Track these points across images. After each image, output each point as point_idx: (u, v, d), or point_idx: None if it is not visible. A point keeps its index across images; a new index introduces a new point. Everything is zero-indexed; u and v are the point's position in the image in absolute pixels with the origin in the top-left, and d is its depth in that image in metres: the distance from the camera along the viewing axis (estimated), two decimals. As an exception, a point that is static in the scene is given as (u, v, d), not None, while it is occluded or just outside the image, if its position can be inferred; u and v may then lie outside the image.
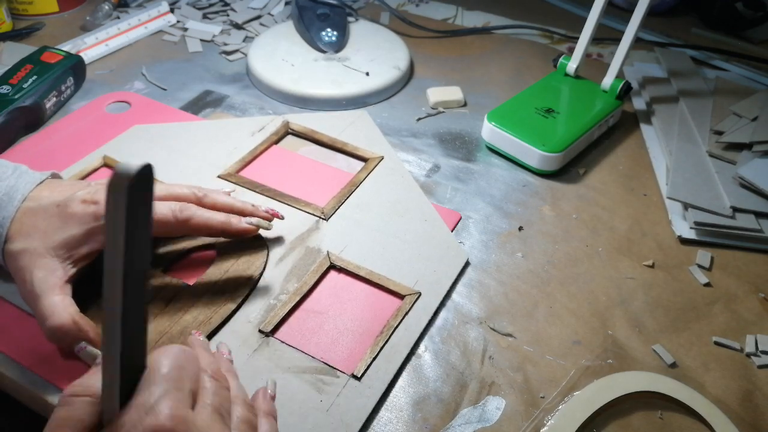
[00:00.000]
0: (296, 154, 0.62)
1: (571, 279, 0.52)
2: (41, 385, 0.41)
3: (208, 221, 0.46)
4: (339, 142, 0.63)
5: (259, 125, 0.64)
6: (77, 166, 0.58)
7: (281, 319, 0.46)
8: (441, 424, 0.41)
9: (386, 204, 0.56)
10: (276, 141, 0.64)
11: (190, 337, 0.42)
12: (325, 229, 0.54)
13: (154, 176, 0.27)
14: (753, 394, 0.44)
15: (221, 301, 0.46)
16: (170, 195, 0.47)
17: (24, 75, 0.65)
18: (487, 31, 0.88)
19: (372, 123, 0.66)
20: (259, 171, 0.60)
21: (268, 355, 0.44)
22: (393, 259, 0.51)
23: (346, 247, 0.52)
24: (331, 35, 0.77)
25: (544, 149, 0.61)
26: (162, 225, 0.45)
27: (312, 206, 0.55)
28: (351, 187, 0.58)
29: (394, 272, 0.50)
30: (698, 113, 0.69)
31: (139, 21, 0.82)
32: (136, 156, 0.60)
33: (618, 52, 0.67)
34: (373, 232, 0.54)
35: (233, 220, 0.47)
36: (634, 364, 0.46)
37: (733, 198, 0.58)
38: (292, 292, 0.48)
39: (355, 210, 0.56)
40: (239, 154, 0.61)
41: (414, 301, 0.48)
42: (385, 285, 0.49)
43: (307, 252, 0.51)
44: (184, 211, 0.45)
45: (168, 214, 0.45)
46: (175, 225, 0.45)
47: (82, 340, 0.41)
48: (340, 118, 0.66)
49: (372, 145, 0.63)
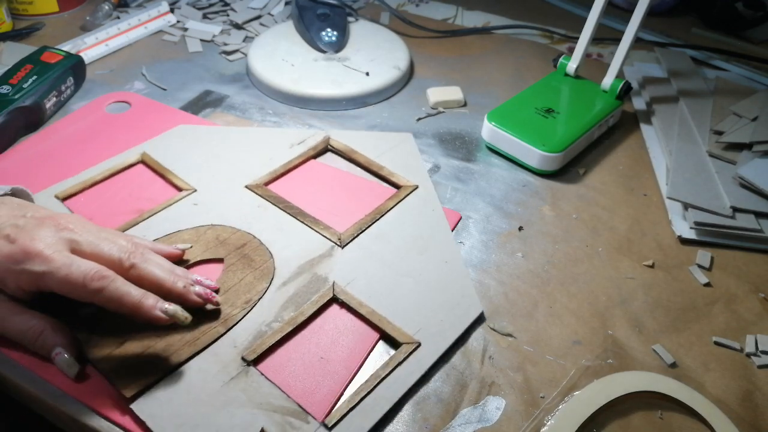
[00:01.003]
0: (334, 169, 0.60)
1: (571, 279, 0.52)
2: (41, 385, 0.41)
3: (121, 299, 0.40)
4: (375, 164, 0.60)
5: (299, 138, 0.63)
6: (115, 160, 0.59)
7: (268, 348, 0.44)
8: (441, 424, 0.41)
9: (408, 238, 0.53)
10: (314, 156, 0.62)
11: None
12: (338, 257, 0.51)
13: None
14: (753, 394, 0.44)
15: (212, 323, 0.44)
16: (95, 254, 0.42)
17: (24, 75, 0.65)
18: (487, 31, 0.88)
19: (415, 149, 0.63)
20: (289, 185, 0.58)
21: (243, 386, 0.41)
22: (400, 300, 0.48)
23: (354, 280, 0.49)
24: (331, 35, 0.77)
25: (544, 149, 0.61)
26: (70, 289, 0.40)
27: (330, 231, 0.53)
28: (375, 214, 0.55)
29: (398, 315, 0.46)
30: (698, 113, 0.69)
31: (139, 21, 0.82)
32: (173, 155, 0.60)
33: (618, 52, 0.67)
34: (386, 267, 0.50)
35: (146, 304, 0.41)
36: (634, 364, 0.46)
37: (733, 198, 0.58)
38: (286, 321, 0.45)
39: (373, 240, 0.52)
40: (273, 165, 0.59)
41: (410, 352, 0.44)
42: (384, 329, 0.45)
43: (313, 279, 0.49)
44: (96, 281, 0.40)
45: (78, 280, 0.40)
46: (83, 294, 0.40)
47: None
48: (383, 139, 0.64)
49: (409, 172, 0.60)
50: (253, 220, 0.54)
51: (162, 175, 0.58)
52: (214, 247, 0.51)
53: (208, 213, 0.54)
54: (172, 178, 0.58)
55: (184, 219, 0.53)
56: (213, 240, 0.51)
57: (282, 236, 0.52)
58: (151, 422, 0.38)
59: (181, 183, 0.57)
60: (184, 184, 0.57)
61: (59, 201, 0.55)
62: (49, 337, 0.41)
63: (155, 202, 0.55)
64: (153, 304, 0.41)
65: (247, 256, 0.50)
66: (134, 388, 0.40)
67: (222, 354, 0.43)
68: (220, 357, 0.43)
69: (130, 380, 0.40)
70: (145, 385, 0.40)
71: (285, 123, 0.68)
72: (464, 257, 0.53)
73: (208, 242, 0.51)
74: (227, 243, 0.51)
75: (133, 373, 0.41)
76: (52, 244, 0.41)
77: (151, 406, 0.39)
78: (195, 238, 0.51)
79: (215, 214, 0.54)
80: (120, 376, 0.40)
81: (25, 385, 0.42)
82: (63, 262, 0.40)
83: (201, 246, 0.51)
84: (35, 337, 0.41)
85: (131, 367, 0.41)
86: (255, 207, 0.55)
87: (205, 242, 0.51)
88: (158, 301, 0.41)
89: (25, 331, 0.42)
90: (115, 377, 0.40)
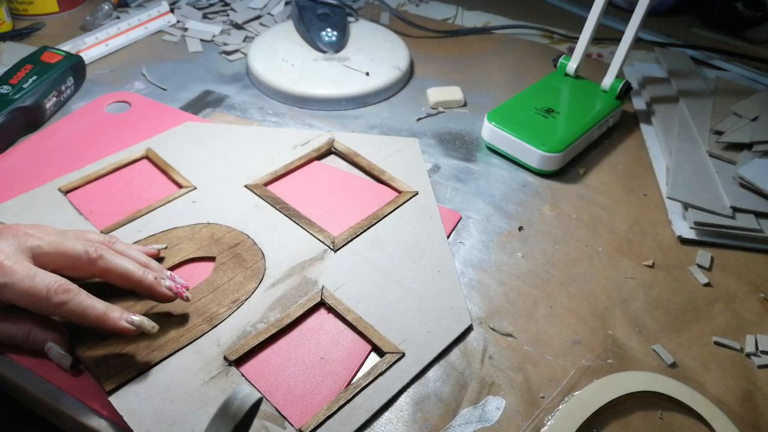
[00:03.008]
0: (337, 171, 0.60)
1: (571, 279, 0.52)
2: (41, 385, 0.41)
3: (84, 312, 0.39)
4: (377, 168, 0.60)
5: (304, 139, 0.63)
6: (120, 155, 0.59)
7: (251, 349, 0.43)
8: (441, 424, 0.41)
9: (402, 245, 0.52)
10: (317, 158, 0.61)
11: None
12: (330, 261, 0.50)
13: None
14: (753, 394, 0.44)
15: (198, 321, 0.44)
16: (58, 253, 0.41)
17: (24, 75, 0.65)
18: (487, 31, 0.88)
19: (419, 154, 0.63)
20: (289, 186, 0.58)
21: (223, 386, 0.41)
22: (388, 308, 0.47)
23: (343, 285, 0.48)
24: (331, 35, 0.77)
25: (544, 149, 0.61)
26: (31, 301, 0.39)
27: (324, 234, 0.52)
28: (371, 219, 0.54)
29: (385, 323, 0.46)
30: (698, 113, 0.69)
31: (139, 21, 0.82)
32: (177, 152, 0.60)
33: (618, 52, 0.67)
34: (377, 274, 0.50)
35: (111, 316, 0.39)
36: (634, 364, 0.46)
37: (733, 198, 0.58)
38: (272, 322, 0.45)
39: (367, 246, 0.52)
40: (275, 166, 0.59)
41: (394, 362, 0.43)
42: (369, 336, 0.45)
43: (303, 282, 0.48)
44: (60, 294, 0.39)
45: (41, 293, 0.38)
46: (45, 307, 0.39)
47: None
48: (388, 143, 0.64)
49: (411, 177, 0.59)
50: (249, 219, 0.54)
51: (164, 171, 0.59)
52: (208, 246, 0.51)
53: (205, 211, 0.54)
54: (174, 174, 0.58)
55: (181, 216, 0.54)
56: (207, 238, 0.51)
57: (276, 237, 0.52)
58: (128, 417, 0.39)
59: (181, 180, 0.57)
60: (185, 181, 0.57)
61: (62, 194, 0.55)
62: (38, 334, 0.41)
63: (155, 199, 0.55)
64: (119, 316, 0.40)
65: (239, 255, 0.50)
66: (114, 381, 0.40)
67: (204, 352, 0.43)
68: (203, 354, 0.43)
69: (111, 374, 0.41)
70: (125, 379, 0.40)
71: (285, 123, 0.68)
72: (464, 257, 0.53)
73: (203, 240, 0.51)
74: (221, 242, 0.51)
75: (115, 367, 0.41)
76: (12, 255, 0.40)
77: (131, 402, 0.39)
78: (190, 236, 0.52)
79: (213, 212, 0.54)
80: (102, 370, 0.41)
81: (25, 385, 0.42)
82: (25, 274, 0.39)
83: (195, 243, 0.51)
84: (25, 338, 0.41)
85: (113, 362, 0.41)
86: (252, 207, 0.55)
87: (199, 240, 0.51)
88: (123, 313, 0.40)
89: (14, 335, 0.42)
90: (97, 371, 0.41)
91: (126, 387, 0.40)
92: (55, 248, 0.42)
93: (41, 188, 0.55)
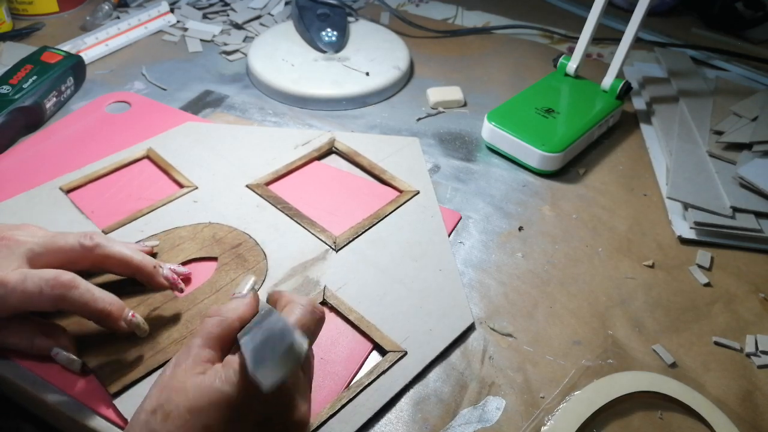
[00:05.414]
0: (338, 171, 0.60)
1: (571, 279, 0.52)
2: (41, 385, 0.41)
3: (88, 304, 0.39)
4: (378, 168, 0.60)
5: (305, 139, 0.63)
6: (122, 155, 0.59)
7: None
8: (441, 424, 0.41)
9: (403, 244, 0.52)
10: (318, 157, 0.61)
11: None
12: (332, 260, 0.50)
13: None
14: (753, 394, 0.44)
15: (199, 322, 0.44)
16: (52, 251, 0.41)
17: (24, 75, 0.65)
18: (487, 31, 0.88)
19: (420, 153, 0.63)
20: (290, 186, 0.58)
21: None
22: (390, 307, 0.47)
23: (345, 285, 0.48)
24: (331, 35, 0.77)
25: (544, 149, 0.61)
26: (29, 301, 0.38)
27: (326, 233, 0.53)
28: (373, 219, 0.54)
29: (387, 322, 0.46)
30: (698, 113, 0.69)
31: (139, 21, 0.82)
32: (178, 152, 0.60)
33: (618, 52, 0.67)
34: (379, 273, 0.50)
35: (112, 312, 0.40)
36: (634, 364, 0.46)
37: (733, 198, 0.58)
38: None
39: (368, 245, 0.52)
40: (276, 165, 0.59)
41: (396, 360, 0.43)
42: (371, 335, 0.45)
43: (305, 282, 0.48)
44: (57, 288, 0.38)
45: (35, 290, 0.38)
46: (45, 302, 0.38)
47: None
48: (389, 143, 0.64)
49: (412, 177, 0.59)
50: (251, 219, 0.54)
51: (165, 171, 0.59)
52: (210, 246, 0.51)
53: (206, 211, 0.54)
54: (175, 174, 0.58)
55: (183, 215, 0.54)
56: (209, 238, 0.51)
57: (278, 237, 0.52)
58: None
59: (183, 180, 0.57)
60: (186, 181, 0.57)
61: (63, 193, 0.55)
62: (42, 341, 0.41)
63: (156, 198, 0.55)
64: (117, 315, 0.40)
65: (241, 255, 0.50)
66: (119, 384, 0.40)
67: None
68: None
69: (116, 377, 0.41)
70: (129, 381, 0.40)
71: (285, 123, 0.68)
72: (464, 257, 0.53)
73: (204, 240, 0.51)
74: (223, 242, 0.51)
75: (119, 369, 0.41)
76: (3, 265, 0.39)
77: (135, 404, 0.38)
78: (192, 236, 0.51)
79: (214, 212, 0.54)
80: (106, 373, 0.41)
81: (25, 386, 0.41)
82: (17, 279, 0.38)
83: (197, 243, 0.51)
84: (30, 346, 0.41)
85: (118, 364, 0.41)
86: (254, 207, 0.55)
87: (201, 240, 0.51)
88: (121, 314, 0.40)
89: (18, 343, 0.41)
90: (102, 374, 0.41)
91: (130, 389, 0.40)
92: (48, 247, 0.41)
93: (42, 187, 0.55)
